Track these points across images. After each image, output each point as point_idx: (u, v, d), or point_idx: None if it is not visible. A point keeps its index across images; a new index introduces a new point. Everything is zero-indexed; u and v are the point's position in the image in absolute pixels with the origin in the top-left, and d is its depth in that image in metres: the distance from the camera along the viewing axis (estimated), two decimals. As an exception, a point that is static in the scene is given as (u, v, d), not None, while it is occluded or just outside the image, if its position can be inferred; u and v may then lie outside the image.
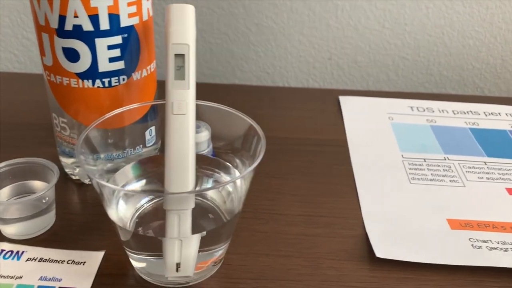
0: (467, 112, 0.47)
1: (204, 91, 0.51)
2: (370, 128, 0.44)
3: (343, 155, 0.40)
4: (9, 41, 0.57)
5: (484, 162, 0.40)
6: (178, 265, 0.26)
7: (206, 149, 0.38)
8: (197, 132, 0.37)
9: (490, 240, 0.31)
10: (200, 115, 0.30)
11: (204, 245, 0.26)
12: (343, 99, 0.49)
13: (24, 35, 0.56)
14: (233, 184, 0.29)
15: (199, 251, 0.26)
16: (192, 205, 0.26)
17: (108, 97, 0.31)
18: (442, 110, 0.48)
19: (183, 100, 0.27)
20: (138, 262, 0.28)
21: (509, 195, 0.36)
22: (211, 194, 0.30)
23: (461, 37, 0.56)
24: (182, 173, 0.26)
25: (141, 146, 0.33)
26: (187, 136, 0.27)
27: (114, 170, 0.31)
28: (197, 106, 0.28)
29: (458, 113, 0.47)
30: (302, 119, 0.46)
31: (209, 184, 0.31)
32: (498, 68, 0.57)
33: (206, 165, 0.31)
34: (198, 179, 0.29)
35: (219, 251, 0.28)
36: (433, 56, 0.57)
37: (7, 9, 0.55)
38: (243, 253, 0.30)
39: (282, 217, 0.33)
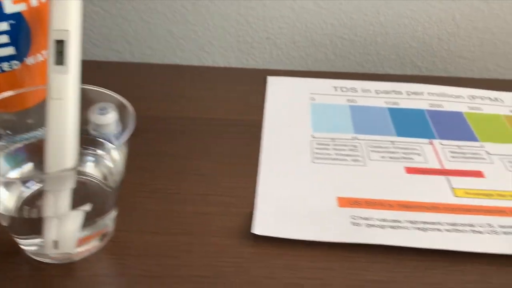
0: (390, 91, 0.48)
1: (139, 71, 0.53)
2: (289, 109, 0.45)
3: (256, 136, 0.41)
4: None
5: (392, 142, 0.41)
6: (56, 243, 0.28)
7: (114, 130, 0.39)
8: (102, 114, 0.38)
9: (372, 218, 0.32)
10: (85, 99, 0.31)
11: (85, 219, 0.28)
12: (271, 80, 0.50)
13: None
14: (110, 158, 0.31)
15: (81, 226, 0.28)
16: (71, 184, 0.27)
17: (5, 82, 0.32)
18: (365, 90, 0.48)
19: (62, 85, 0.28)
20: (24, 246, 0.29)
21: (406, 173, 0.37)
22: (91, 170, 0.31)
23: (397, 16, 0.56)
24: (60, 156, 0.27)
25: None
26: (65, 120, 0.28)
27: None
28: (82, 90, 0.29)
29: (380, 92, 0.48)
30: (227, 99, 0.47)
31: (89, 160, 0.32)
32: (434, 47, 0.58)
33: (89, 145, 0.32)
34: (82, 160, 0.31)
35: (101, 226, 0.29)
36: (370, 35, 0.57)
37: None
38: (131, 231, 0.31)
39: (178, 196, 0.34)
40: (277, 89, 0.49)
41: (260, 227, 0.31)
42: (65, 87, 0.28)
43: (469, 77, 0.59)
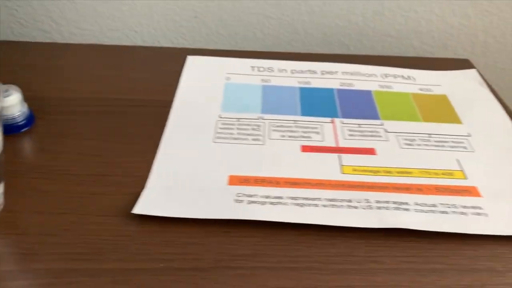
0: (305, 71, 0.49)
1: (62, 52, 0.53)
2: (202, 89, 0.46)
3: (163, 116, 0.42)
4: None
5: (294, 121, 0.42)
6: None
7: (19, 111, 0.39)
8: (5, 96, 0.38)
9: (256, 195, 0.34)
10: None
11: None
12: (190, 59, 0.51)
13: None
14: None
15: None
16: None
17: None
18: (282, 70, 0.49)
19: None
20: None
21: (301, 152, 0.39)
22: None
23: (321, -5, 0.57)
24: None
25: None
26: None
27: None
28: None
29: (295, 72, 0.49)
30: (143, 80, 0.48)
31: None
32: (360, 25, 0.59)
33: None
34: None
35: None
36: (297, 14, 0.58)
37: None
38: (19, 211, 0.32)
39: (75, 177, 0.35)
40: (194, 69, 0.49)
41: (141, 207, 0.32)
42: None
43: (397, 55, 0.61)
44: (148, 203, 0.33)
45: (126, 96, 0.45)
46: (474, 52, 0.60)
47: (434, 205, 0.33)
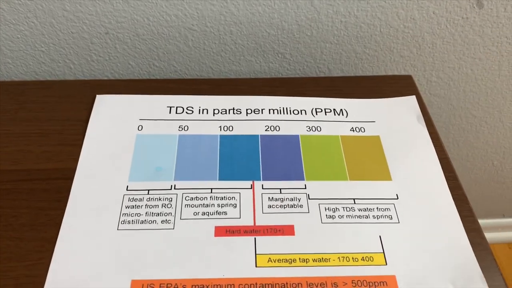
0: (229, 110, 0.44)
1: None
2: (110, 147, 0.41)
3: (64, 193, 0.38)
4: None
5: (211, 190, 0.38)
6: None
7: None
8: None
9: (158, 311, 0.31)
10: None
11: None
12: (99, 100, 0.45)
13: None
14: None
15: None
16: None
17: None
18: (203, 110, 0.44)
19: None
20: None
21: (214, 237, 0.36)
22: None
23: (248, 4, 0.49)
24: None
25: None
26: None
27: None
28: None
29: (218, 112, 0.44)
30: (39, 137, 0.42)
31: None
32: (296, 33, 0.52)
33: None
34: None
35: None
36: (222, 25, 0.51)
37: None
38: None
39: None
40: (102, 117, 0.43)
41: None
42: None
43: (336, 76, 0.55)
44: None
45: (17, 167, 0.39)
46: (421, 53, 0.55)
47: (347, 309, 0.32)
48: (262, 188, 0.39)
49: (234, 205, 0.37)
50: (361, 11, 0.51)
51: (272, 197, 0.38)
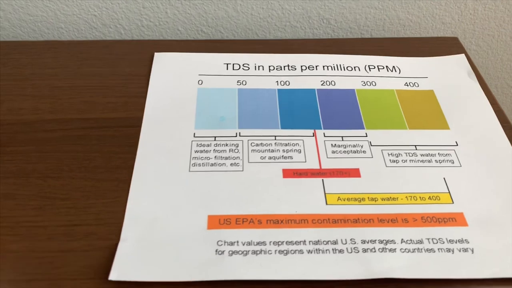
0: (284, 67, 0.46)
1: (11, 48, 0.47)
2: (174, 98, 0.42)
3: (131, 140, 0.39)
4: None
5: (275, 137, 0.40)
6: None
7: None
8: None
9: (237, 241, 0.32)
10: None
11: None
12: (158, 57, 0.46)
13: None
14: None
15: None
16: None
17: None
18: (258, 67, 0.45)
19: None
20: None
21: (282, 178, 0.37)
22: None
23: (298, -33, 0.51)
24: None
25: None
26: None
27: None
28: None
29: (274, 69, 0.45)
30: (104, 90, 0.43)
31: None
32: (342, -1, 0.54)
33: None
34: None
35: None
36: (271, -11, 0.52)
37: None
38: (-14, 282, 0.30)
39: (43, 230, 0.33)
40: (162, 72, 0.45)
41: (118, 270, 0.30)
42: None
43: (372, 38, 0.56)
44: (124, 265, 0.31)
45: (85, 115, 0.40)
46: (463, 20, 0.56)
47: (420, 241, 0.33)
48: (324, 136, 0.40)
49: (299, 150, 0.39)
50: (407, -24, 0.52)
51: (335, 144, 0.39)
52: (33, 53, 0.47)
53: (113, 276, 0.30)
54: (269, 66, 0.45)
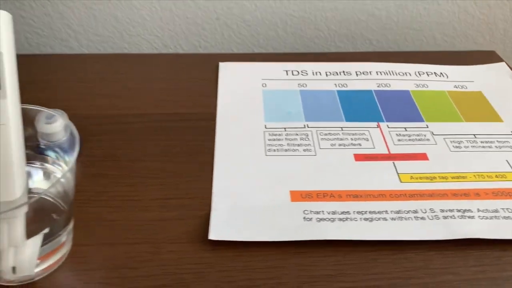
0: (340, 72, 0.49)
1: (85, 64, 0.51)
2: (242, 98, 0.46)
3: (211, 130, 0.42)
4: None
5: (341, 128, 0.42)
6: (14, 269, 0.28)
7: (64, 137, 0.38)
8: (50, 123, 0.37)
9: (322, 211, 0.34)
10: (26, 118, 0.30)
11: (43, 239, 0.28)
12: (223, 66, 0.50)
13: None
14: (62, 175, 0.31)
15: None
16: (23, 211, 0.27)
17: None
18: (316, 73, 0.49)
19: (1, 110, 0.27)
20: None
21: (355, 161, 0.39)
22: (41, 186, 0.32)
23: (345, -9, 0.56)
24: (7, 183, 0.27)
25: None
26: (9, 146, 0.27)
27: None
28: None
29: (330, 74, 0.49)
30: (176, 91, 0.47)
31: (39, 177, 0.32)
32: (384, 19, 0.58)
33: (35, 161, 0.32)
34: (30, 175, 0.31)
35: (58, 243, 0.30)
36: (319, 11, 0.57)
37: None
38: (89, 244, 0.32)
39: (138, 203, 0.35)
40: (228, 76, 0.48)
41: (215, 232, 0.32)
42: (5, 112, 0.27)
43: (417, 51, 0.61)
44: (220, 228, 0.33)
45: (165, 111, 0.44)
46: (494, 40, 0.61)
47: (496, 211, 0.34)
48: (388, 128, 0.42)
49: (366, 139, 0.41)
50: (443, -2, 0.57)
51: (399, 133, 0.42)
52: (106, 64, 0.51)
53: (212, 236, 0.32)
54: (326, 72, 0.49)
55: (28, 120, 0.31)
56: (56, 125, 0.37)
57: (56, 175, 0.33)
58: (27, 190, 0.28)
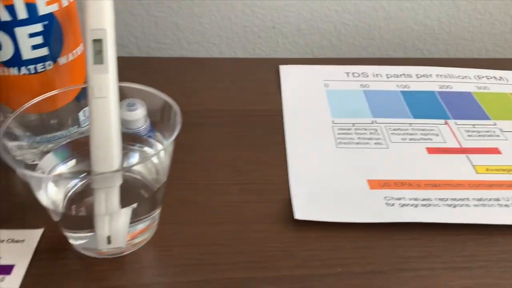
0: (400, 75, 0.50)
1: (149, 65, 0.53)
2: (306, 97, 0.46)
3: (278, 124, 0.42)
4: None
5: (409, 124, 0.42)
6: (109, 238, 0.28)
7: (143, 125, 0.39)
8: (132, 110, 0.38)
9: (404, 197, 0.34)
10: (124, 95, 0.31)
11: (135, 215, 0.28)
12: (283, 68, 0.51)
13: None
14: (157, 157, 0.31)
15: (130, 222, 0.28)
16: (119, 182, 0.28)
17: (38, 82, 0.32)
18: (376, 75, 0.50)
19: (103, 84, 0.28)
20: (73, 240, 0.30)
21: (428, 154, 0.39)
22: (137, 168, 0.32)
23: (399, 0, 0.57)
24: (106, 154, 0.28)
25: (76, 126, 0.35)
26: (109, 118, 0.28)
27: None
28: (120, 87, 0.30)
29: (391, 76, 0.50)
30: (242, 90, 0.48)
31: (135, 159, 0.33)
32: (436, 29, 0.59)
33: (131, 141, 0.33)
34: (125, 155, 0.31)
35: (149, 221, 0.30)
36: (373, 20, 0.59)
37: None
38: (175, 222, 0.32)
39: (219, 187, 0.35)
40: (290, 77, 0.49)
41: (300, 212, 0.32)
42: (107, 86, 0.28)
43: (470, 58, 0.61)
44: (303, 209, 0.33)
45: (236, 107, 0.45)
46: (545, 51, 0.61)
47: None
48: (456, 124, 0.42)
49: (436, 134, 0.41)
50: (495, 8, 0.58)
51: (469, 130, 0.42)
52: (163, 67, 0.53)
53: (298, 215, 0.32)
54: (386, 74, 0.50)
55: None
56: (137, 112, 0.38)
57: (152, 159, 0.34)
58: (122, 164, 0.29)
